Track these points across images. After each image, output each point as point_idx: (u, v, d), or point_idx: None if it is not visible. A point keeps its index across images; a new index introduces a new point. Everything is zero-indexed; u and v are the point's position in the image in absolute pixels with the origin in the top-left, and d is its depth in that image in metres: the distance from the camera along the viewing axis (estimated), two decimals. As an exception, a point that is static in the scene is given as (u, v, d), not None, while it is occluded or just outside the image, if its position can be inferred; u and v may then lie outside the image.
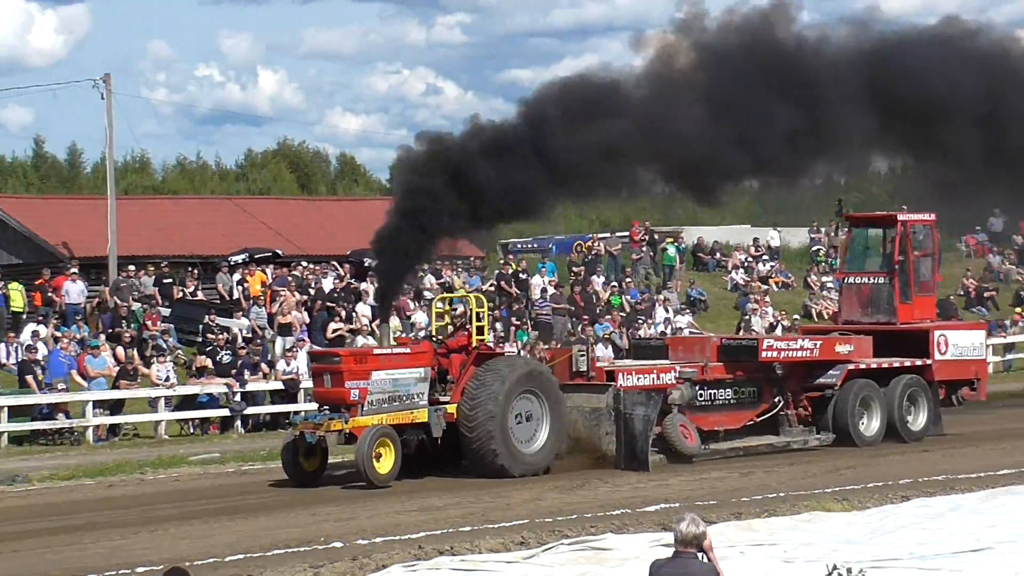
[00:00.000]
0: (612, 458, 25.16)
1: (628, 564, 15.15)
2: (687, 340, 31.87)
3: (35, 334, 35.30)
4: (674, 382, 26.51)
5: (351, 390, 23.59)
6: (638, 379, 26.19)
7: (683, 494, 22.49)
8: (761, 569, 14.76)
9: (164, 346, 35.69)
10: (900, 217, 30.73)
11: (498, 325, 40.36)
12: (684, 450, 25.83)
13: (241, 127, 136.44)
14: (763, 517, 19.09)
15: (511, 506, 21.56)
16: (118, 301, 38.02)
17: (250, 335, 37.64)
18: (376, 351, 24.90)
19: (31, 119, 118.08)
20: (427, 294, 41.93)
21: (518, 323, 41.12)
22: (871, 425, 28.66)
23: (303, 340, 36.65)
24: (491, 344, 26.19)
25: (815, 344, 28.48)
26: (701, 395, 26.99)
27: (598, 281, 45.72)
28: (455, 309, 26.49)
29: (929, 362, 29.73)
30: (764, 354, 27.50)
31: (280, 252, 44.41)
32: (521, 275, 44.19)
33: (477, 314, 25.22)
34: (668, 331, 41.23)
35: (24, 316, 37.56)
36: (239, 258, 42.83)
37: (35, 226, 44.61)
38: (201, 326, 37.50)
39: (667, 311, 43.98)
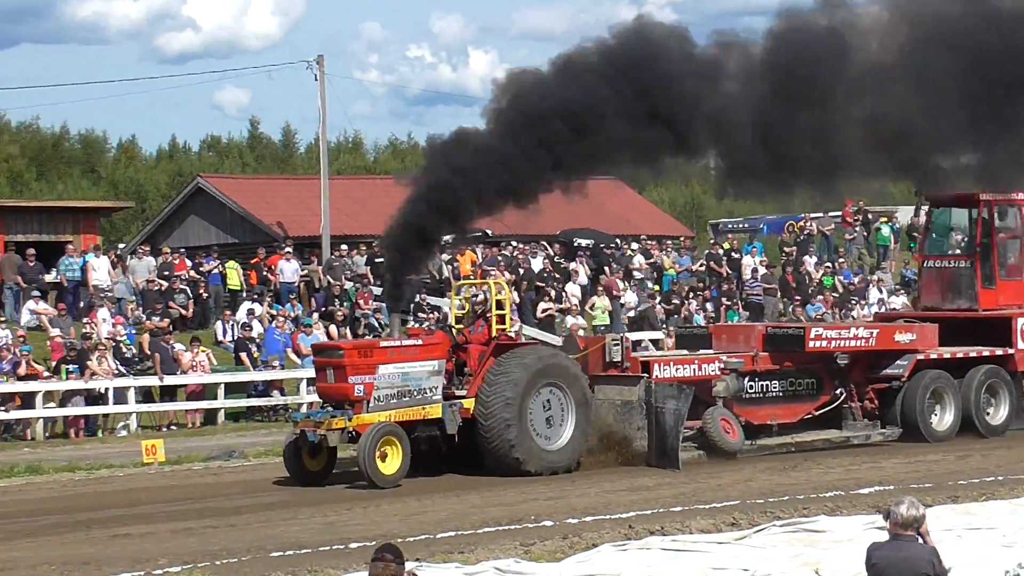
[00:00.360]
0: (644, 454, 23.67)
1: (842, 546, 14.88)
2: (732, 328, 30.29)
3: (250, 312, 36.05)
4: (717, 373, 24.91)
5: (355, 385, 22.15)
6: (676, 370, 24.59)
7: (897, 477, 22.08)
8: (979, 553, 14.38)
9: (376, 324, 36.16)
10: (983, 196, 28.07)
11: (708, 306, 39.99)
12: (724, 446, 24.18)
13: (452, 107, 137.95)
14: (981, 501, 18.60)
15: (722, 487, 21.40)
16: (331, 280, 38.63)
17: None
18: (383, 343, 23.61)
19: (247, 100, 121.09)
20: (636, 273, 41.78)
21: (729, 303, 40.77)
22: (944, 419, 26.80)
23: (512, 320, 36.82)
24: (512, 334, 24.57)
25: (871, 333, 26.63)
26: (752, 387, 25.43)
27: (810, 261, 45.10)
28: (475, 297, 25.56)
29: (1011, 351, 27.52)
30: (811, 344, 25.68)
31: (489, 232, 44.57)
32: (733, 255, 43.80)
33: (497, 302, 23.84)
34: (882, 311, 40.40)
35: (241, 295, 38.38)
36: (448, 238, 43.13)
37: (251, 206, 45.56)
38: (412, 305, 37.91)
39: (881, 291, 43.19)
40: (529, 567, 14.57)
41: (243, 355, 33.49)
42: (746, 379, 25.21)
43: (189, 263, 38.46)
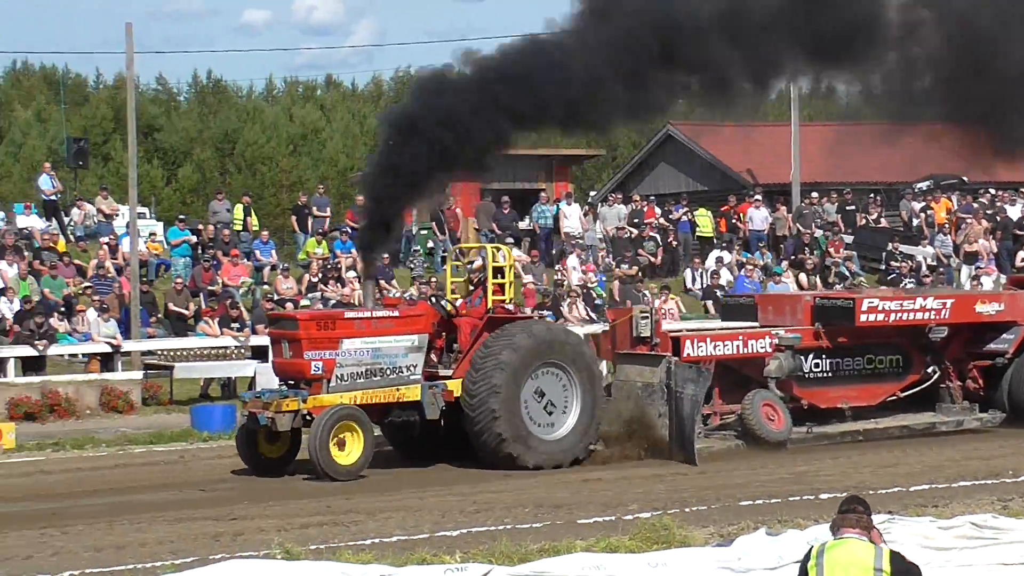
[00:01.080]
0: (667, 444, 20.45)
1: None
2: (778, 298, 25.27)
3: (719, 260, 36.05)
4: (768, 350, 21.42)
5: (311, 362, 19.36)
6: (714, 348, 21.11)
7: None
8: None
9: (846, 273, 35.56)
10: None
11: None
12: (765, 435, 20.90)
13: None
14: None
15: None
16: (800, 228, 38.19)
17: (934, 263, 36.90)
18: (349, 315, 20.62)
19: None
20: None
21: None
22: None
23: (990, 268, 35.60)
24: (510, 307, 20.94)
25: (943, 304, 22.48)
26: (817, 365, 22.12)
27: None
28: (471, 263, 22.52)
29: None
30: (863, 317, 21.82)
31: (965, 179, 43.09)
32: None
33: (497, 269, 20.68)
34: None
35: (711, 242, 38.44)
36: (923, 185, 41.95)
37: (721, 154, 45.53)
38: (884, 254, 37.09)
39: None
40: (1007, 523, 13.97)
41: (710, 303, 33.53)
42: (809, 356, 21.99)
43: (659, 211, 38.75)
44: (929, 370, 22.58)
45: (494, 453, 19.68)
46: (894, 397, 22.52)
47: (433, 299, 22.72)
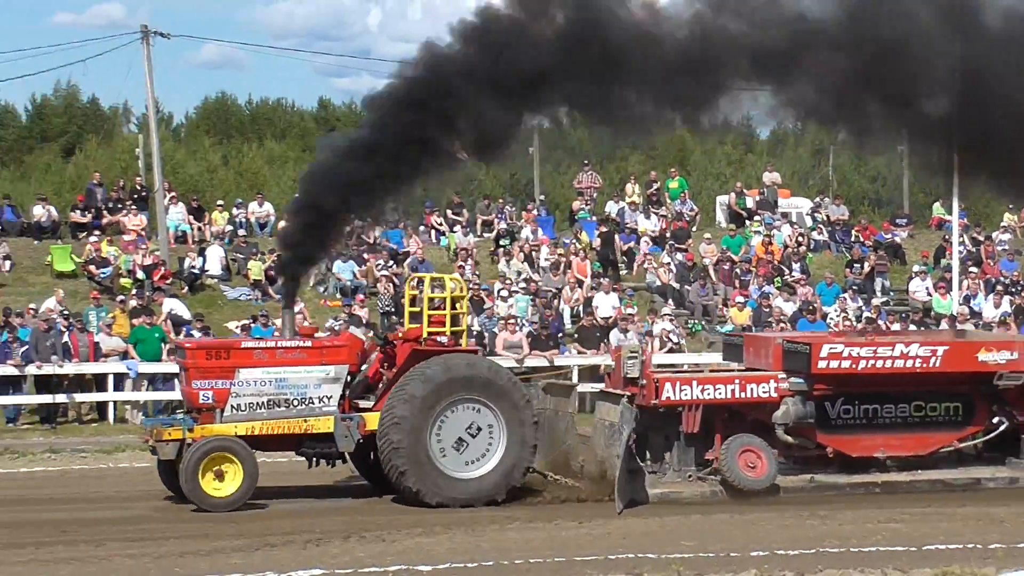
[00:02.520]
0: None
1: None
2: (755, 339, 22.70)
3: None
4: (772, 395, 20.26)
5: (199, 392, 19.36)
6: (700, 391, 20.00)
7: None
8: None
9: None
10: None
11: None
12: (739, 483, 19.75)
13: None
14: None
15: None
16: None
17: None
18: (246, 344, 20.75)
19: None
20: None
21: None
22: None
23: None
24: (443, 340, 20.12)
25: (933, 352, 20.37)
26: (848, 411, 20.66)
27: None
28: (419, 291, 21.24)
29: None
30: (821, 364, 20.05)
31: None
32: None
33: (431, 300, 20.41)
34: None
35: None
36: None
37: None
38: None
39: None
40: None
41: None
42: (838, 402, 20.62)
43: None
44: (995, 420, 20.92)
45: (397, 486, 19.36)
46: (951, 447, 21.03)
47: (369, 328, 22.88)
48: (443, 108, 19.82)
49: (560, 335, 32.90)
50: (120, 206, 37.88)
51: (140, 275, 34.27)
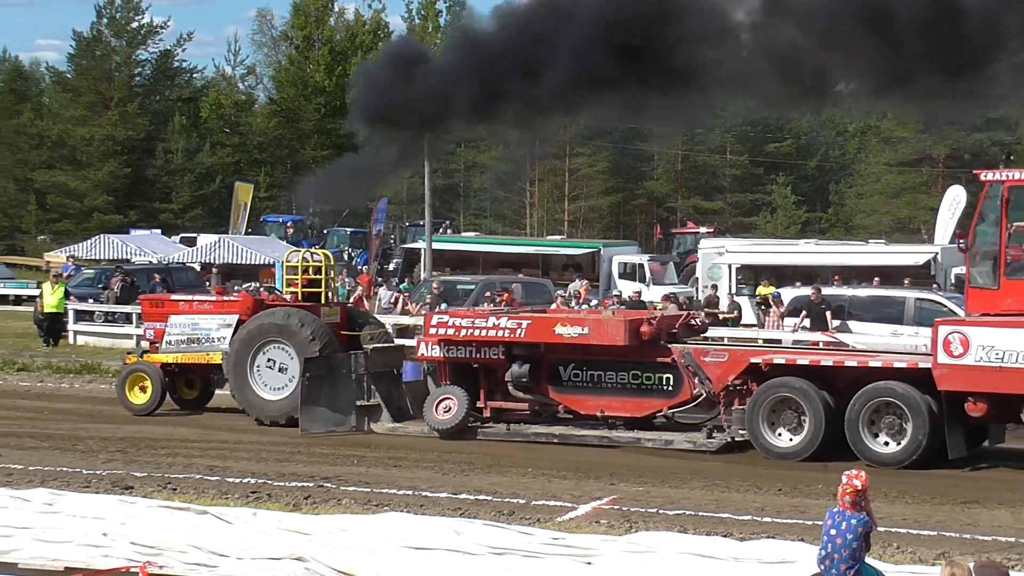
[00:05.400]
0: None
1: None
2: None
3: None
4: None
5: (146, 330, 26.43)
6: (447, 352, 23.58)
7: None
8: None
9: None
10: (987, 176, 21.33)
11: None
12: (431, 423, 23.02)
13: None
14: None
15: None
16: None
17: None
18: (175, 297, 27.36)
19: None
20: None
21: None
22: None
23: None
24: (286, 298, 25.82)
25: (518, 325, 22.93)
26: (577, 375, 22.87)
27: None
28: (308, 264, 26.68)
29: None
30: (431, 331, 23.38)
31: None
32: None
33: (288, 268, 26.73)
34: None
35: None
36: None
37: None
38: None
39: None
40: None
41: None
42: (569, 366, 22.88)
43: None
44: (695, 392, 22.23)
45: (239, 405, 24.93)
46: (660, 412, 22.62)
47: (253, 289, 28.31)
48: None
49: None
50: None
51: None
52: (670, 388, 22.44)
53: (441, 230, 61.81)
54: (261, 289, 27.13)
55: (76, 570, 10.83)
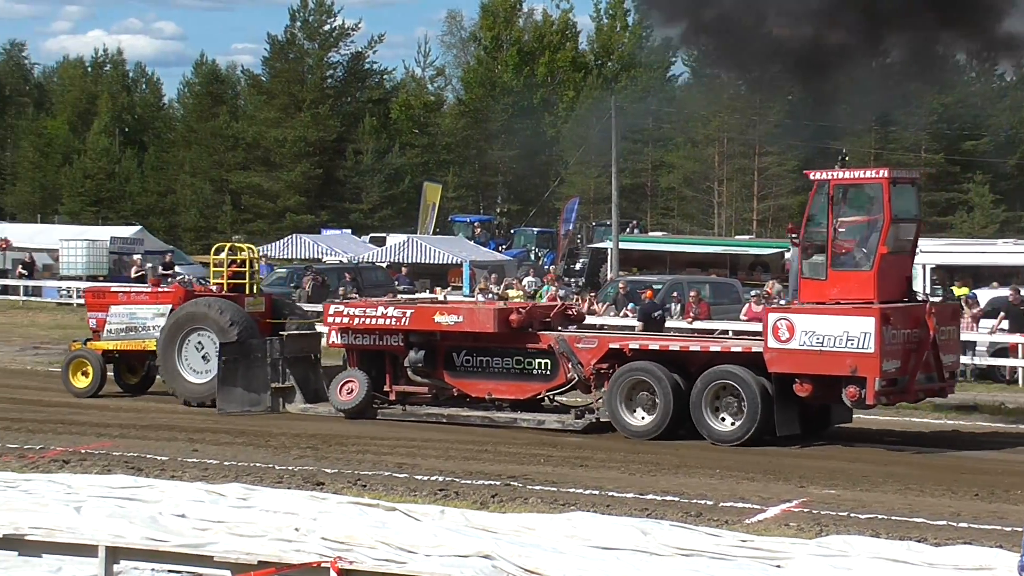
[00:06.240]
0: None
1: None
2: None
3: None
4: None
5: (89, 319, 28.00)
6: (353, 339, 25.37)
7: None
8: None
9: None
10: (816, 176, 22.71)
11: None
12: (334, 403, 24.86)
13: None
14: None
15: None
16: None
17: None
18: (114, 288, 29.88)
19: None
20: None
21: None
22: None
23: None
24: (211, 288, 27.88)
25: (403, 313, 24.77)
26: (468, 360, 24.56)
27: None
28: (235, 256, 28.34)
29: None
30: (329, 319, 25.39)
31: None
32: None
33: (214, 261, 28.02)
34: None
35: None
36: None
37: None
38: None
39: None
40: None
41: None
42: (461, 352, 24.56)
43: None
44: (569, 375, 23.73)
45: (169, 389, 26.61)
46: (538, 395, 24.38)
47: (192, 282, 29.61)
48: None
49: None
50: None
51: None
52: (548, 373, 23.99)
53: (628, 229, 61.71)
54: (194, 281, 28.91)
55: (269, 564, 10.97)
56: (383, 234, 65.48)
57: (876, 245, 21.99)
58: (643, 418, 22.74)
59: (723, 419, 22.26)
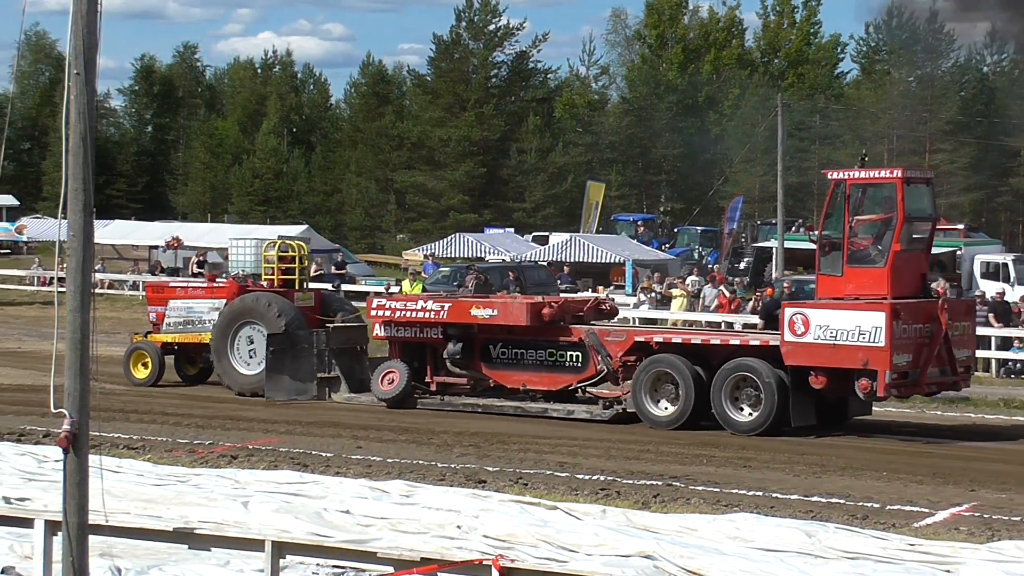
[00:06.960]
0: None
1: None
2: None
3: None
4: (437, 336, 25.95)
5: (150, 313, 29.20)
6: (396, 331, 26.27)
7: None
8: None
9: None
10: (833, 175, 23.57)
11: None
12: (375, 393, 25.71)
13: None
14: None
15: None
16: None
17: None
18: (173, 284, 31.04)
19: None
20: None
21: None
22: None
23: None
24: (263, 284, 28.22)
25: (441, 307, 25.74)
26: (504, 352, 25.43)
27: None
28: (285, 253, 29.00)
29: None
30: (372, 312, 26.47)
31: None
32: None
33: (266, 257, 28.46)
34: None
35: None
36: None
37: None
38: None
39: None
40: None
41: None
42: (498, 344, 25.40)
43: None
44: (599, 367, 24.56)
45: (222, 381, 27.55)
46: (572, 387, 25.06)
47: (244, 277, 29.55)
48: None
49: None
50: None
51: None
52: (579, 365, 24.82)
53: (793, 228, 61.06)
54: (248, 277, 29.50)
55: (431, 561, 11.03)
56: (546, 233, 65.53)
57: (890, 243, 22.66)
58: (666, 409, 23.58)
59: (742, 409, 23.02)
